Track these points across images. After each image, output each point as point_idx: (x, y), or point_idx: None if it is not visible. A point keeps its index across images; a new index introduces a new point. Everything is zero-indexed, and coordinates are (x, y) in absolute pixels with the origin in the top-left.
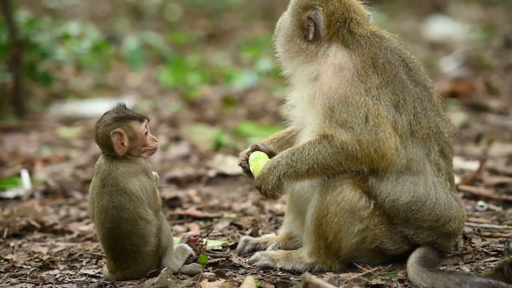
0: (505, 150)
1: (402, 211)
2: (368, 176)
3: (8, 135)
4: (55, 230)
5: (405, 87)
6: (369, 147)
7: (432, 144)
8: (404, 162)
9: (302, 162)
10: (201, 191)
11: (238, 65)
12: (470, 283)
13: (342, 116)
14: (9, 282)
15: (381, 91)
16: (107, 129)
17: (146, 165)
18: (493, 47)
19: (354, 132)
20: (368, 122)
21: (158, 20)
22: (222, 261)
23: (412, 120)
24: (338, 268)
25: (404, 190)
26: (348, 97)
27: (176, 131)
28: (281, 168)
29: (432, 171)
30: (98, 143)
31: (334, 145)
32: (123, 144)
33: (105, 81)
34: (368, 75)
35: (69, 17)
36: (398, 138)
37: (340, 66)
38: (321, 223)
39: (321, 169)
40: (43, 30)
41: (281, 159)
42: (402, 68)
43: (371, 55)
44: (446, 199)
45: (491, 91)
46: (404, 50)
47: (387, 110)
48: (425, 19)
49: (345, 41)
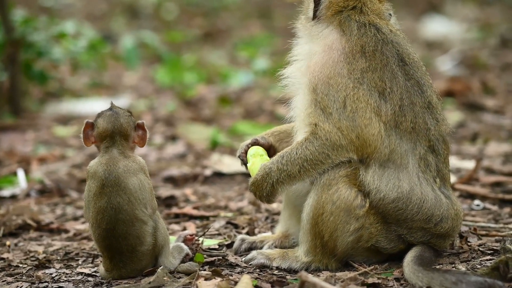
0: (501, 149)
1: (391, 208)
2: (359, 169)
3: (4, 134)
4: (51, 229)
5: (395, 77)
6: (349, 133)
7: (419, 139)
8: (387, 151)
9: (292, 163)
10: (197, 190)
11: (235, 64)
12: (466, 282)
13: (323, 100)
14: (5, 281)
15: (366, 74)
16: (131, 120)
17: (144, 163)
18: (489, 46)
19: (332, 119)
20: (345, 107)
21: (154, 19)
22: (219, 260)
23: (397, 111)
24: (334, 267)
25: (389, 186)
26: (330, 78)
27: (172, 130)
28: (274, 174)
29: (417, 166)
30: (117, 134)
31: (319, 136)
32: (146, 135)
33: (101, 80)
34: (355, 58)
35: (65, 16)
36: (382, 124)
37: (329, 46)
38: (317, 222)
39: (311, 166)
40: (39, 29)
41: (272, 165)
42: (395, 60)
43: (361, 42)
44: (433, 195)
45: (487, 90)
46: (405, 46)
47: (369, 95)
48: (421, 18)
49: (341, 25)
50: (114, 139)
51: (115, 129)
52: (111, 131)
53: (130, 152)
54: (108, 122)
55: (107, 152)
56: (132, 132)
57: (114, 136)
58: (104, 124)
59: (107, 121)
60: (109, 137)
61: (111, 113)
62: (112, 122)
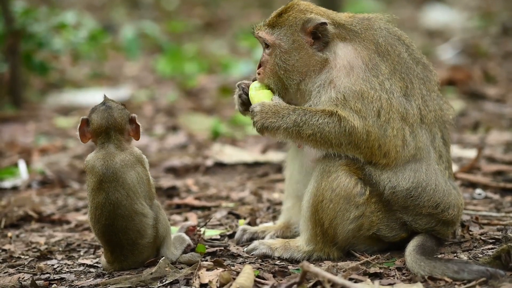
0: (503, 138)
1: (401, 197)
2: (365, 165)
3: (5, 125)
4: (53, 220)
5: (409, 68)
6: (374, 141)
7: (436, 130)
8: (413, 152)
9: (308, 125)
10: (198, 180)
11: (235, 54)
12: (468, 271)
13: (356, 106)
14: (7, 272)
15: (392, 81)
16: (126, 113)
17: (141, 154)
18: (490, 34)
19: (366, 122)
20: (379, 117)
21: (154, 9)
22: (220, 251)
23: (421, 105)
24: (336, 256)
25: (405, 176)
26: (363, 93)
27: (173, 121)
28: (288, 121)
29: (435, 158)
30: (112, 129)
31: (343, 126)
32: (139, 127)
33: (102, 71)
34: (378, 67)
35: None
36: (408, 129)
37: (350, 66)
38: (317, 209)
39: (321, 140)
40: (39, 19)
41: (292, 113)
42: (401, 46)
43: (370, 38)
44: (445, 186)
45: (488, 79)
46: (391, 26)
47: (399, 103)
48: (422, 6)
49: (342, 36)
50: (109, 134)
51: (109, 124)
52: (106, 127)
53: (127, 144)
54: (102, 118)
55: (104, 147)
56: (127, 125)
57: (109, 131)
58: (98, 120)
59: (101, 117)
60: (104, 133)
61: (103, 108)
62: (105, 118)
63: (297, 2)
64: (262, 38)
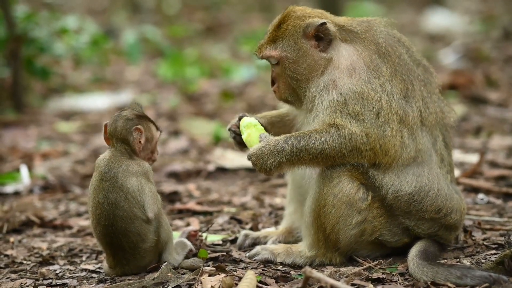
0: (505, 143)
1: (404, 202)
2: (368, 169)
3: (6, 130)
4: (55, 225)
5: (410, 70)
6: (375, 141)
7: (438, 133)
8: (413, 154)
9: (306, 151)
10: (200, 185)
11: (237, 58)
12: (471, 276)
13: (355, 109)
14: (9, 278)
15: (393, 83)
16: (129, 124)
17: (149, 169)
18: (492, 38)
19: (364, 125)
20: (378, 118)
21: (156, 13)
22: (222, 256)
23: (421, 107)
24: (338, 261)
25: (407, 180)
26: (364, 94)
27: (175, 125)
28: (285, 154)
29: (436, 162)
30: (114, 136)
31: (343, 134)
32: (140, 142)
33: (104, 75)
34: (379, 68)
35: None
36: (406, 131)
37: (352, 67)
38: (319, 214)
39: (323, 159)
40: (41, 24)
41: (286, 145)
42: (401, 48)
43: (371, 39)
44: (447, 191)
45: (490, 83)
46: (391, 28)
47: (398, 105)
48: (423, 11)
49: (343, 36)
50: (116, 140)
51: (112, 132)
52: (111, 134)
53: (136, 155)
54: (110, 125)
55: (113, 151)
56: (130, 136)
57: (114, 138)
58: (108, 126)
59: (110, 123)
60: (114, 138)
61: (115, 116)
62: (111, 126)
63: (292, 9)
64: (268, 57)
